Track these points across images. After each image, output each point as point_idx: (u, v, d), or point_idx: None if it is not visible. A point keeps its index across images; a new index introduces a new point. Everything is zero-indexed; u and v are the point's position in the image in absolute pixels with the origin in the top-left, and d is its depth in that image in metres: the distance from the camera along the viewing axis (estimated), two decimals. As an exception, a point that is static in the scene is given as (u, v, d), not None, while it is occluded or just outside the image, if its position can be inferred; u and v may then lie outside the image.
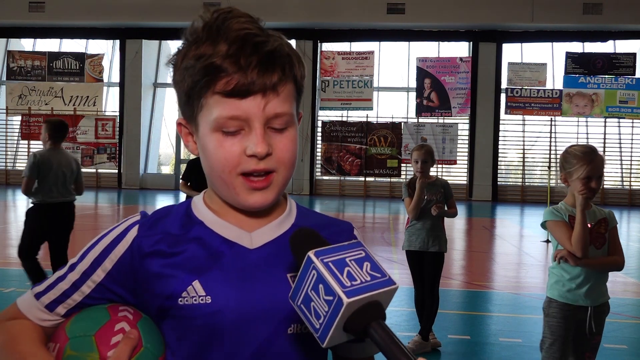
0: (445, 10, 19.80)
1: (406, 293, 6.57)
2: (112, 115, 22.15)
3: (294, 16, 20.02)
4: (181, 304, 0.96)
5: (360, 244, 0.84)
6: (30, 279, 5.61)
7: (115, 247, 1.00)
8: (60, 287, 1.01)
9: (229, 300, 0.96)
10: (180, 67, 0.98)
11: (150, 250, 0.99)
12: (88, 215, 13.81)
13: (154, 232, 1.01)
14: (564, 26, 20.07)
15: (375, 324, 0.77)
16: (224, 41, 0.94)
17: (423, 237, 4.65)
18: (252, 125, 0.95)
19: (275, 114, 0.96)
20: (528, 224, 13.78)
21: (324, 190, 21.55)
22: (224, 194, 1.01)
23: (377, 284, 0.79)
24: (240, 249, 1.00)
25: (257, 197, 0.98)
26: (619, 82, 20.30)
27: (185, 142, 1.05)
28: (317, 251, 0.80)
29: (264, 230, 1.03)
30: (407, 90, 21.90)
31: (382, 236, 11.17)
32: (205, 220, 1.03)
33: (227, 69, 0.93)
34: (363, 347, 1.08)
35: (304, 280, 0.80)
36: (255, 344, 0.97)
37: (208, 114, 0.96)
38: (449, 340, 4.91)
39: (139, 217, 1.04)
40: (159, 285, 0.98)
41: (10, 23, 21.75)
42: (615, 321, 5.73)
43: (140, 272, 0.99)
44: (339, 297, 0.75)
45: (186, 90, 0.98)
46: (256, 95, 0.94)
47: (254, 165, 0.96)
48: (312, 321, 0.79)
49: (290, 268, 1.00)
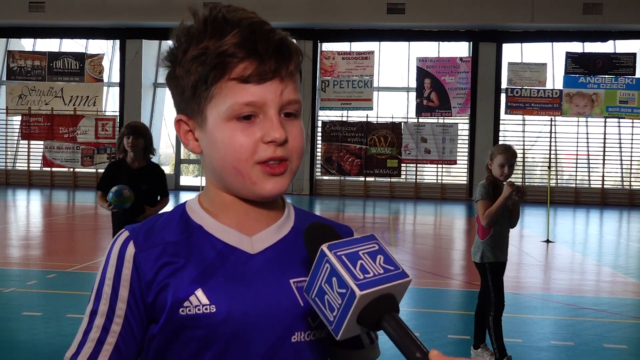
0: (445, 10, 19.81)
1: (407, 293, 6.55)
2: (112, 115, 22.14)
3: (294, 16, 20.02)
4: (183, 314, 0.93)
5: (374, 237, 0.84)
6: None
7: (121, 272, 0.97)
8: (92, 337, 0.97)
9: (233, 308, 0.94)
10: (184, 60, 0.95)
11: (155, 263, 0.96)
12: (88, 216, 13.80)
13: (152, 244, 0.98)
14: (564, 26, 20.08)
15: (389, 317, 0.77)
16: (234, 30, 0.93)
17: (507, 246, 4.37)
18: (267, 112, 0.94)
19: (290, 100, 0.96)
20: (528, 224, 13.78)
21: (324, 190, 21.55)
22: (236, 185, 0.98)
23: (391, 277, 0.79)
24: (241, 254, 0.98)
25: (274, 183, 0.96)
26: (619, 82, 20.31)
27: (185, 140, 1.02)
28: (330, 244, 0.80)
29: (265, 234, 1.01)
30: (407, 90, 21.90)
31: (382, 236, 11.18)
32: (204, 224, 1.00)
33: (243, 55, 0.93)
34: (360, 354, 1.07)
35: (317, 273, 0.80)
36: (259, 353, 0.95)
37: (221, 102, 0.94)
38: (449, 340, 4.91)
39: (128, 233, 0.99)
40: (163, 296, 0.95)
41: (10, 23, 21.74)
42: (615, 321, 5.73)
43: (150, 289, 0.96)
44: (351, 290, 0.76)
45: (193, 82, 0.95)
46: (273, 80, 0.94)
47: (271, 152, 0.94)
48: (326, 314, 0.79)
49: (292, 273, 0.98)
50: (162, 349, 0.97)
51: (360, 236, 0.84)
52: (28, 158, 22.54)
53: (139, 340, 0.98)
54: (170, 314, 0.94)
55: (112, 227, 5.28)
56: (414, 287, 6.97)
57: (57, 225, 11.67)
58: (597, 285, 6.34)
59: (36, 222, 12.73)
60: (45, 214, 13.99)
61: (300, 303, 0.97)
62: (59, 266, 7.65)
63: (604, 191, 20.81)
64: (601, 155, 21.12)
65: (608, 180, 21.46)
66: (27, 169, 22.52)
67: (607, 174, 21.41)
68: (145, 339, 0.99)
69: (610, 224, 15.66)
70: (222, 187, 1.01)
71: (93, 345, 0.96)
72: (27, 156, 22.54)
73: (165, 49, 1.02)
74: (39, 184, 22.06)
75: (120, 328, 0.96)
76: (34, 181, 22.15)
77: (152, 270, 0.96)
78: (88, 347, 0.96)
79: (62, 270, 7.51)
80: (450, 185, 21.59)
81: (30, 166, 22.55)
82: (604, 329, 5.46)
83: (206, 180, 1.05)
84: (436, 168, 21.60)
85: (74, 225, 9.36)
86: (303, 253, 0.95)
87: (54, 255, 8.35)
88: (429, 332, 5.10)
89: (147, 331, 0.98)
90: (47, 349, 4.50)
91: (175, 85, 0.99)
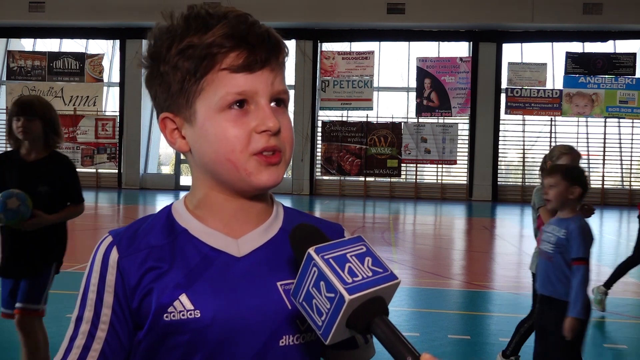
0: (445, 10, 19.80)
1: (407, 293, 6.57)
2: (112, 115, 22.15)
3: (294, 16, 20.02)
4: (167, 320, 0.92)
5: (361, 238, 0.83)
6: None
7: (105, 278, 0.95)
8: (77, 344, 0.96)
9: (218, 313, 0.92)
10: (169, 56, 0.94)
11: (139, 269, 0.95)
12: (88, 216, 13.80)
13: (136, 249, 0.96)
14: (564, 26, 20.07)
15: (378, 320, 0.76)
16: (221, 23, 0.93)
17: None
18: (259, 102, 0.94)
19: (280, 90, 0.97)
20: (528, 224, 13.76)
21: (324, 190, 21.54)
22: (230, 179, 0.96)
23: (379, 279, 0.78)
24: (227, 257, 0.96)
25: (269, 173, 0.95)
26: (619, 82, 20.30)
27: (171, 139, 0.99)
28: (317, 247, 0.78)
29: (251, 236, 0.99)
30: (407, 90, 21.90)
31: (382, 236, 11.17)
32: (189, 227, 0.98)
33: (233, 45, 0.92)
34: (354, 354, 1.06)
35: (305, 277, 0.79)
36: (247, 358, 0.93)
37: (212, 94, 0.93)
38: (448, 340, 4.90)
39: (111, 238, 0.98)
40: (147, 302, 0.93)
41: (10, 23, 21.74)
42: (615, 321, 5.73)
43: (135, 294, 0.94)
44: (340, 294, 0.75)
45: (181, 76, 0.94)
46: (264, 70, 0.94)
47: (265, 142, 0.94)
48: (314, 318, 0.78)
49: (280, 276, 0.97)
50: (148, 354, 0.96)
51: (347, 238, 0.82)
52: (28, 158, 22.53)
53: (125, 346, 0.97)
54: (154, 320, 0.93)
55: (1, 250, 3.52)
56: (414, 287, 6.97)
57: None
58: (597, 285, 6.33)
59: (36, 222, 12.71)
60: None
61: (288, 306, 0.95)
62: (58, 266, 7.64)
63: (604, 191, 20.79)
64: (601, 155, 21.10)
65: (608, 180, 21.45)
66: (27, 169, 22.51)
67: (607, 174, 21.39)
68: (132, 344, 0.97)
69: (610, 224, 15.65)
70: (213, 185, 0.99)
71: (79, 352, 0.95)
72: (27, 156, 22.54)
73: (144, 50, 1.00)
74: (39, 184, 22.03)
75: (106, 334, 0.96)
76: (34, 181, 22.13)
77: (136, 276, 0.95)
78: (74, 353, 0.95)
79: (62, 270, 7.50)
80: (450, 185, 21.58)
81: (30, 166, 22.54)
82: (604, 329, 5.46)
83: (193, 180, 1.03)
84: (436, 168, 21.60)
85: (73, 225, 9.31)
86: (291, 255, 0.93)
87: (54, 256, 8.32)
88: (429, 332, 5.09)
89: (134, 337, 0.97)
90: (46, 350, 4.48)
91: (160, 82, 0.97)
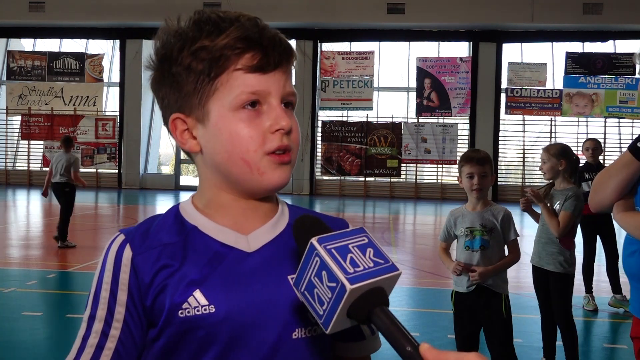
0: (445, 10, 19.81)
1: (407, 293, 6.57)
2: (112, 115, 22.15)
3: (294, 16, 20.02)
4: (182, 316, 0.92)
5: (363, 230, 0.84)
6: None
7: (118, 276, 0.96)
8: (90, 343, 0.95)
9: (232, 308, 0.93)
10: (181, 57, 0.96)
11: (153, 266, 0.95)
12: (88, 216, 13.80)
13: (149, 246, 0.97)
14: (564, 26, 20.07)
15: (379, 310, 0.77)
16: (234, 26, 0.95)
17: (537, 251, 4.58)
18: (271, 102, 0.97)
19: (290, 92, 1.00)
20: (528, 224, 13.75)
21: (324, 190, 21.54)
22: (242, 178, 0.98)
23: (380, 270, 0.78)
24: (238, 253, 0.98)
25: (281, 172, 0.98)
26: (619, 82, 20.30)
27: (182, 139, 1.00)
28: (320, 238, 0.79)
29: (260, 232, 1.00)
30: (407, 90, 21.90)
31: (382, 236, 11.17)
32: (199, 225, 0.99)
33: (247, 47, 0.95)
34: (361, 345, 1.07)
35: (307, 267, 0.80)
36: (261, 351, 0.94)
37: (226, 93, 0.95)
38: (448, 340, 4.90)
39: (123, 237, 0.98)
40: (161, 299, 0.94)
41: (10, 23, 21.74)
42: (615, 321, 5.73)
43: (149, 292, 0.95)
44: (342, 284, 0.75)
45: (194, 77, 0.96)
46: (277, 71, 0.97)
47: (279, 141, 0.96)
48: (315, 308, 0.79)
49: (290, 269, 0.97)
50: (164, 351, 0.96)
51: (349, 229, 0.83)
52: (28, 158, 22.55)
53: (139, 344, 0.97)
54: (168, 317, 0.93)
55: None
56: (414, 287, 6.97)
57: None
58: (597, 285, 6.33)
59: (36, 222, 12.74)
60: (45, 214, 13.98)
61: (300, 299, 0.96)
62: (59, 266, 7.66)
63: (604, 191, 20.78)
64: (601, 155, 21.09)
65: (608, 180, 21.44)
66: (27, 169, 22.53)
67: (607, 174, 21.37)
68: (145, 342, 0.98)
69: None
70: (222, 186, 1.00)
71: (92, 351, 0.95)
72: (27, 156, 22.55)
73: (150, 52, 1.03)
74: (39, 184, 22.00)
75: (120, 332, 0.95)
76: (34, 181, 22.13)
77: (150, 273, 0.95)
78: (87, 352, 0.95)
79: (62, 270, 7.53)
80: (450, 185, 21.57)
81: (30, 166, 22.56)
82: (604, 329, 5.46)
83: (202, 181, 1.04)
84: (436, 168, 21.61)
85: (73, 225, 9.35)
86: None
87: (54, 255, 8.35)
88: (429, 332, 5.09)
89: (147, 335, 0.97)
90: (47, 349, 4.50)
91: (170, 83, 0.98)
